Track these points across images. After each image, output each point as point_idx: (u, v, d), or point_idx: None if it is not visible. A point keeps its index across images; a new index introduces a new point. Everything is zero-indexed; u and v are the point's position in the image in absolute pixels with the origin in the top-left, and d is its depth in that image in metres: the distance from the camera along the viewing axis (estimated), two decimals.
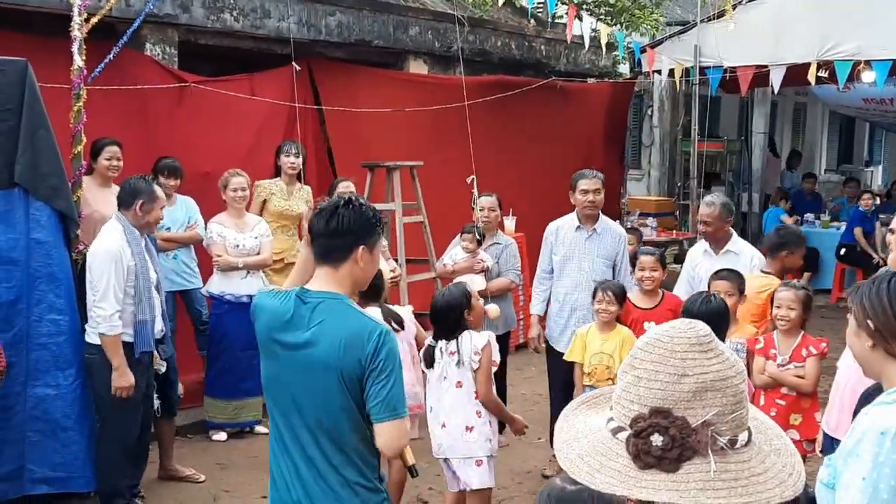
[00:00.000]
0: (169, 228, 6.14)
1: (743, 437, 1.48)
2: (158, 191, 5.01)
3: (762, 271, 5.21)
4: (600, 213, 5.82)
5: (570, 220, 5.83)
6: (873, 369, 2.15)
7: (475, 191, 6.57)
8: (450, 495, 4.52)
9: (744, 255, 5.51)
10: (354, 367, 2.62)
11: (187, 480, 5.54)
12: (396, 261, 6.57)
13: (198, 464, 5.83)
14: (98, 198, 5.95)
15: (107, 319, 4.66)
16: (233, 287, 6.17)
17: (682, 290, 5.51)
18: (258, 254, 6.27)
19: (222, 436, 6.26)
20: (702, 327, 1.51)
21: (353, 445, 2.71)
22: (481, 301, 4.59)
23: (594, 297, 5.24)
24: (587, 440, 1.54)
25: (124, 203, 4.89)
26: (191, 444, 6.17)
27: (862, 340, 2.14)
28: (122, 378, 4.71)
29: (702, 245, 5.75)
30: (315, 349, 2.66)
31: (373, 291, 4.35)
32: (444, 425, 4.38)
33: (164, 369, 5.11)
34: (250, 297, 6.15)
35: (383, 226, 2.87)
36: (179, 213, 6.29)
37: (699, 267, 5.58)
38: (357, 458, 2.72)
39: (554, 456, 5.79)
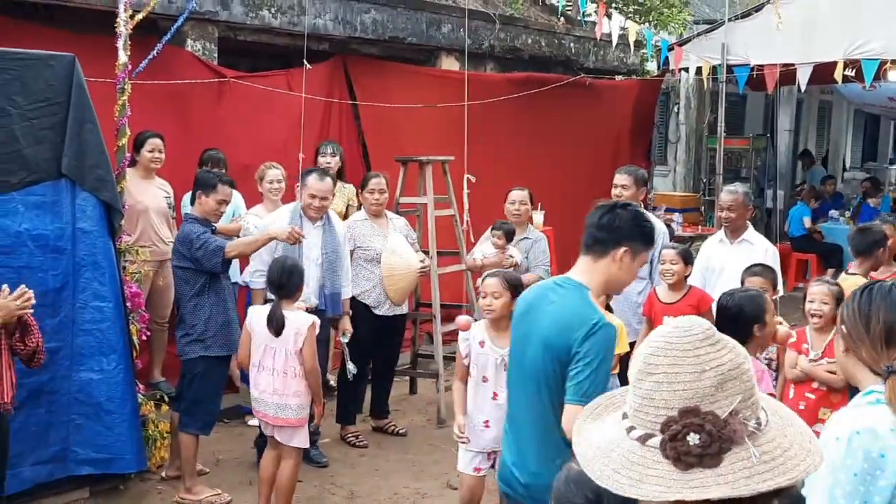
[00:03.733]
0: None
1: (763, 416, 1.46)
2: (315, 186, 5.53)
3: (847, 272, 5.03)
4: (641, 208, 5.83)
5: None
6: (848, 373, 2.21)
7: (467, 191, 6.63)
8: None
9: (758, 244, 5.59)
10: (564, 348, 2.76)
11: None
12: (426, 252, 6.56)
13: (234, 447, 5.87)
14: (140, 189, 6.00)
15: (250, 274, 5.67)
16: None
17: (695, 283, 5.50)
18: None
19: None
20: (702, 322, 1.49)
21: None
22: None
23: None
24: (616, 454, 1.49)
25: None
26: (227, 428, 6.20)
27: (839, 346, 2.22)
28: None
29: (717, 236, 5.80)
30: (540, 324, 2.86)
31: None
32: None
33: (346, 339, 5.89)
34: None
35: (655, 242, 3.01)
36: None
37: (713, 258, 5.61)
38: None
39: None
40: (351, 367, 5.86)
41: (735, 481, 1.39)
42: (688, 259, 5.24)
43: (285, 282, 4.69)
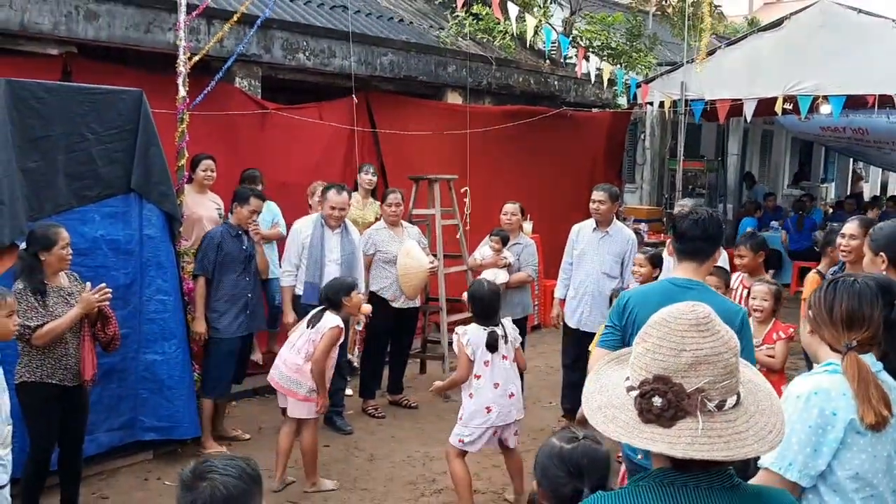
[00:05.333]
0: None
1: (731, 400, 1.45)
2: (334, 199, 5.53)
3: (817, 272, 4.93)
4: (614, 219, 5.81)
5: (590, 223, 5.86)
6: (811, 350, 2.22)
7: (467, 200, 6.63)
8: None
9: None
10: None
11: (236, 440, 5.53)
12: (435, 255, 6.55)
13: (274, 418, 5.85)
14: (196, 202, 5.99)
15: (283, 273, 5.63)
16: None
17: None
18: None
19: None
20: (702, 310, 1.48)
21: None
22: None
23: (610, 301, 5.28)
24: (607, 394, 1.53)
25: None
26: (268, 401, 6.19)
27: (805, 328, 2.23)
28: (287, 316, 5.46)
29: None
30: None
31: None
32: (511, 395, 4.28)
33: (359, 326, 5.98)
34: None
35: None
36: (265, 214, 6.29)
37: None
38: None
39: (563, 416, 5.80)
40: (352, 357, 5.91)
41: (676, 444, 1.41)
42: (655, 262, 5.22)
43: (334, 298, 4.72)
